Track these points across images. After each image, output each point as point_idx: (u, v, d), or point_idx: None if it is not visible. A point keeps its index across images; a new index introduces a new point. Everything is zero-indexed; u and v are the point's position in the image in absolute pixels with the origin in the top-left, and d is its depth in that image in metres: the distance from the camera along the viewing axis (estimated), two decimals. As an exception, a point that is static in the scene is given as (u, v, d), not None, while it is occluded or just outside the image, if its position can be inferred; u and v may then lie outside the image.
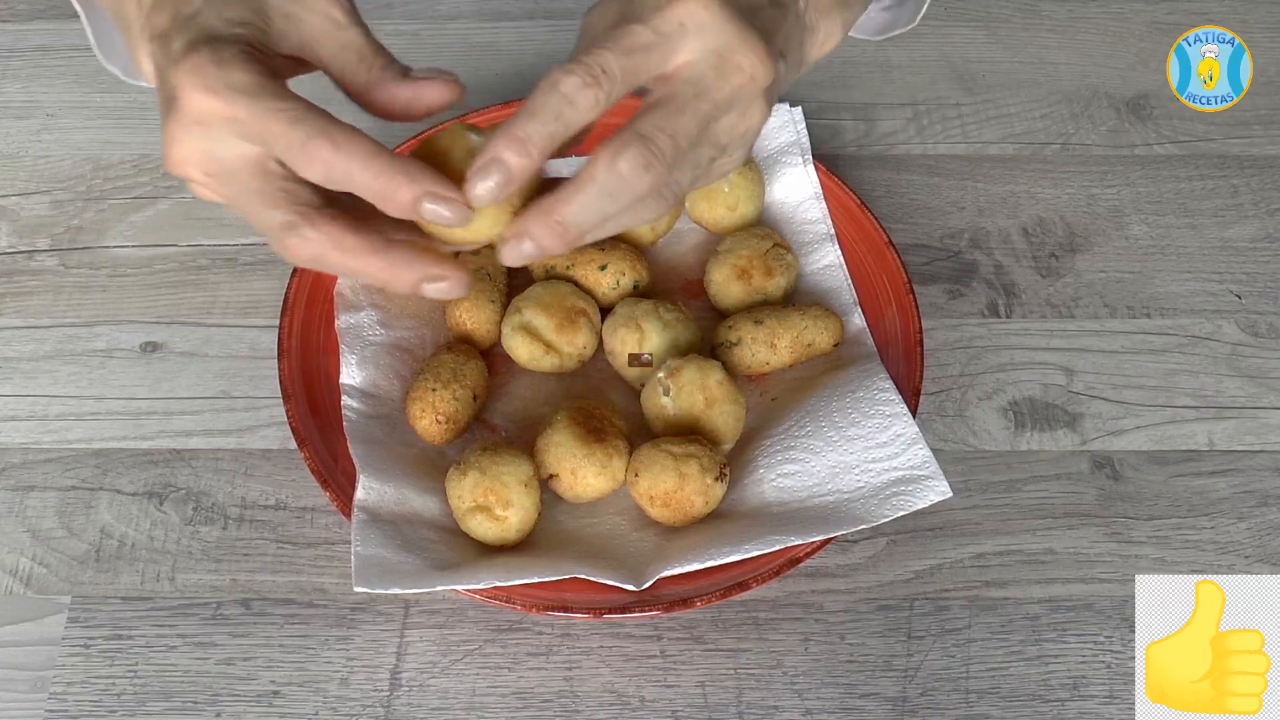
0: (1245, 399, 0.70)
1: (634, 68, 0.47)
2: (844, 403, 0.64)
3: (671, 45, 0.47)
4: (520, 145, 0.45)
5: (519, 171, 0.45)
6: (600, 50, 0.46)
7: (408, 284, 0.47)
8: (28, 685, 0.61)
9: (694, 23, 0.47)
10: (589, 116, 0.46)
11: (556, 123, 0.45)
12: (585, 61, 0.46)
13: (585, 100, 0.46)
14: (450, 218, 0.46)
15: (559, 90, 0.45)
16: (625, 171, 0.46)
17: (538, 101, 0.46)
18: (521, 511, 0.60)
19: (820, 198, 0.73)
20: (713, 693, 0.60)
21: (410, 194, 0.45)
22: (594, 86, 0.46)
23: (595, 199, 0.47)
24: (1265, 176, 0.80)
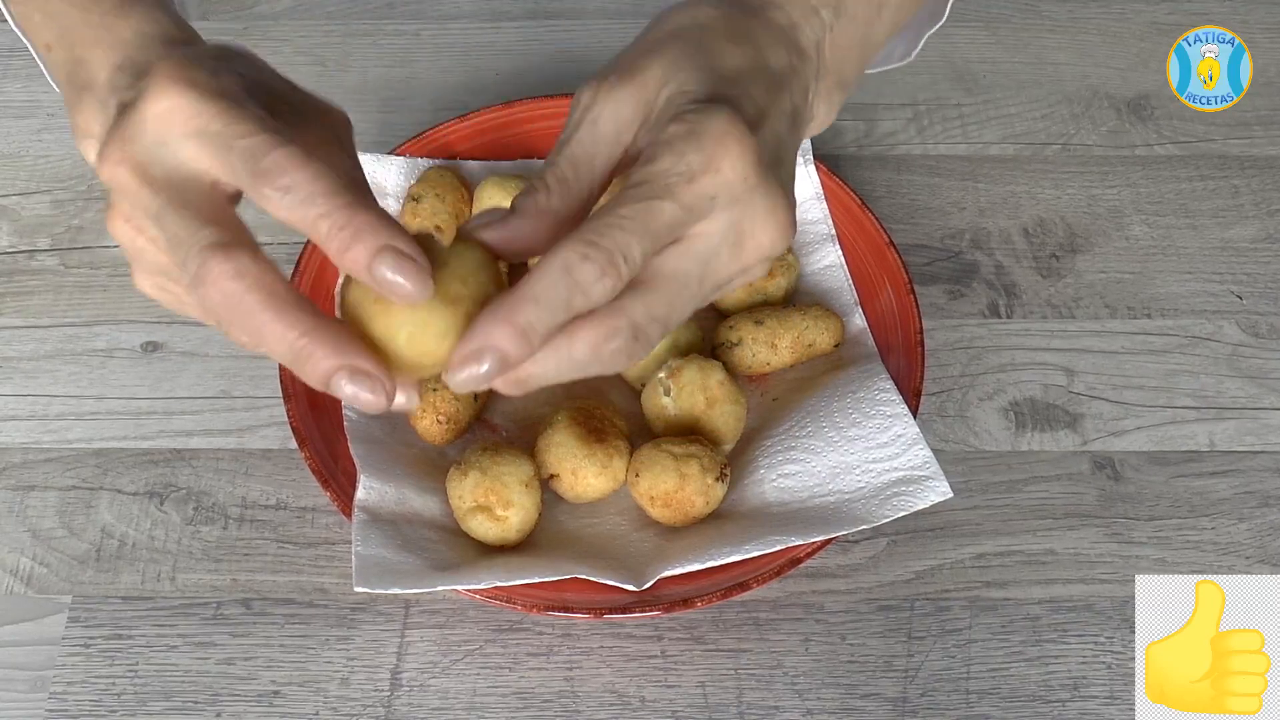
0: (1246, 399, 0.70)
1: (655, 249, 0.42)
2: (845, 403, 0.64)
3: (695, 219, 0.42)
4: (521, 337, 0.39)
5: (517, 360, 0.40)
6: (621, 233, 0.40)
7: (320, 373, 0.39)
8: (28, 685, 0.61)
9: (727, 196, 0.42)
10: (599, 304, 0.41)
11: (565, 313, 0.40)
12: (605, 247, 0.40)
13: (600, 291, 0.40)
14: (370, 401, 0.40)
15: (572, 277, 0.40)
16: (608, 358, 0.41)
17: (546, 287, 0.40)
18: (522, 511, 0.60)
19: (821, 198, 0.73)
20: (713, 693, 0.60)
21: (325, 366, 0.39)
22: (611, 276, 0.40)
23: (564, 364, 0.41)
24: (1266, 177, 0.80)
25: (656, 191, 0.41)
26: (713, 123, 0.42)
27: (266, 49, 0.86)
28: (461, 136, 0.75)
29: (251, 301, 0.39)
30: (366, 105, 0.83)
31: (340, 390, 0.40)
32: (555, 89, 0.80)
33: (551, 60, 0.86)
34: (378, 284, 0.39)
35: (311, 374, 0.39)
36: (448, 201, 0.71)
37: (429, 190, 0.71)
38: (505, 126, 0.76)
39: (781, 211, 0.43)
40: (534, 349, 0.40)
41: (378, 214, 0.39)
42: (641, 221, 0.41)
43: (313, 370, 0.39)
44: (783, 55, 0.47)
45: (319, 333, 0.39)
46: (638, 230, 0.41)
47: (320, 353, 0.39)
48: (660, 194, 0.41)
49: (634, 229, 0.41)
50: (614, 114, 0.43)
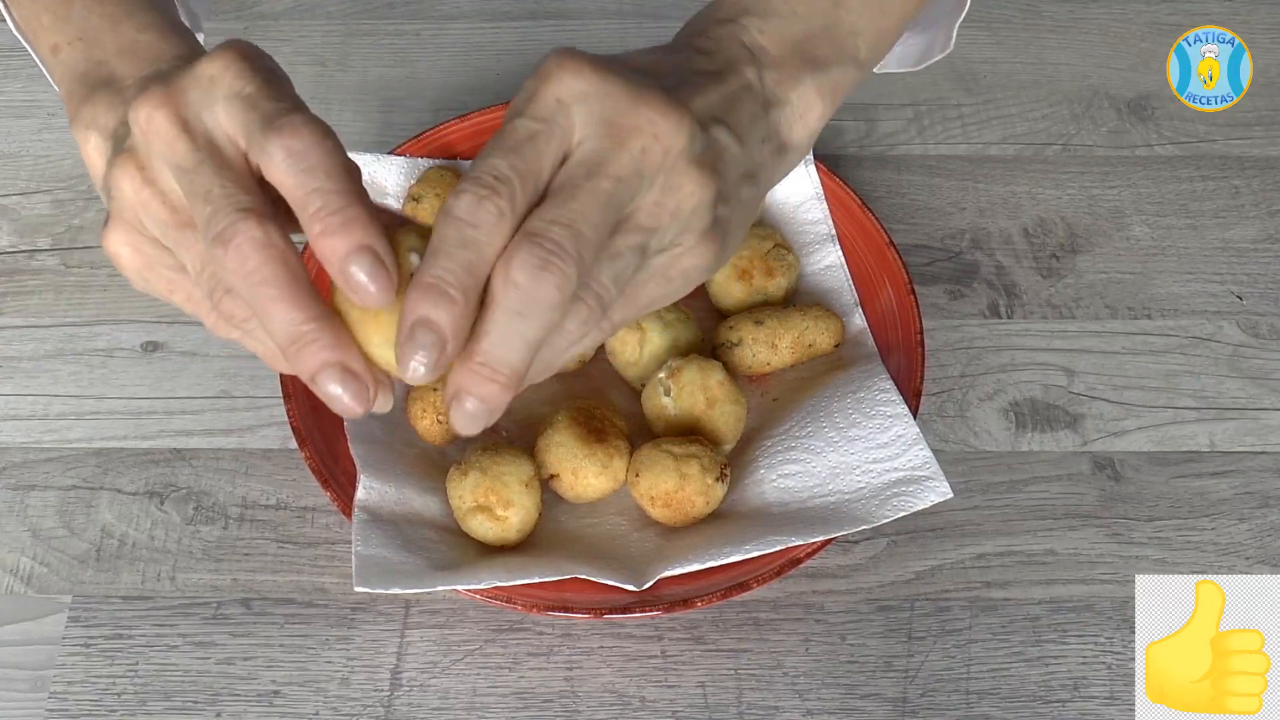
0: (1246, 400, 0.70)
1: (527, 164, 0.40)
2: (845, 403, 0.64)
3: (559, 127, 0.41)
4: (436, 293, 0.38)
5: (451, 325, 0.39)
6: (484, 158, 0.40)
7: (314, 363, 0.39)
8: (28, 684, 0.61)
9: (571, 94, 0.41)
10: (501, 233, 0.39)
11: (466, 250, 0.39)
12: (472, 175, 0.40)
13: (486, 215, 0.39)
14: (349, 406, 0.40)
15: (453, 215, 0.39)
16: (521, 280, 0.39)
17: (437, 236, 0.39)
18: (522, 511, 0.60)
19: (821, 198, 0.73)
20: (713, 693, 0.60)
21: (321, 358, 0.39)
22: (490, 197, 0.39)
23: (506, 323, 0.39)
24: (1266, 178, 0.80)
25: (507, 118, 0.42)
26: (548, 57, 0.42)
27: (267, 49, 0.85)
28: (462, 136, 0.75)
29: (270, 273, 0.39)
30: (366, 105, 0.83)
31: (325, 387, 0.39)
32: (556, 89, 0.80)
33: (552, 60, 0.86)
34: (345, 278, 0.39)
35: (306, 362, 0.39)
36: None
37: (429, 190, 0.71)
38: (505, 126, 0.76)
39: (654, 96, 0.41)
40: (460, 307, 0.39)
41: (372, 214, 0.39)
42: (501, 144, 0.40)
43: (308, 358, 0.39)
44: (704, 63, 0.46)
45: (325, 323, 0.39)
46: (499, 151, 0.40)
47: (321, 342, 0.39)
48: (510, 117, 0.41)
49: (494, 151, 0.40)
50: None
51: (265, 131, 0.39)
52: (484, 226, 0.39)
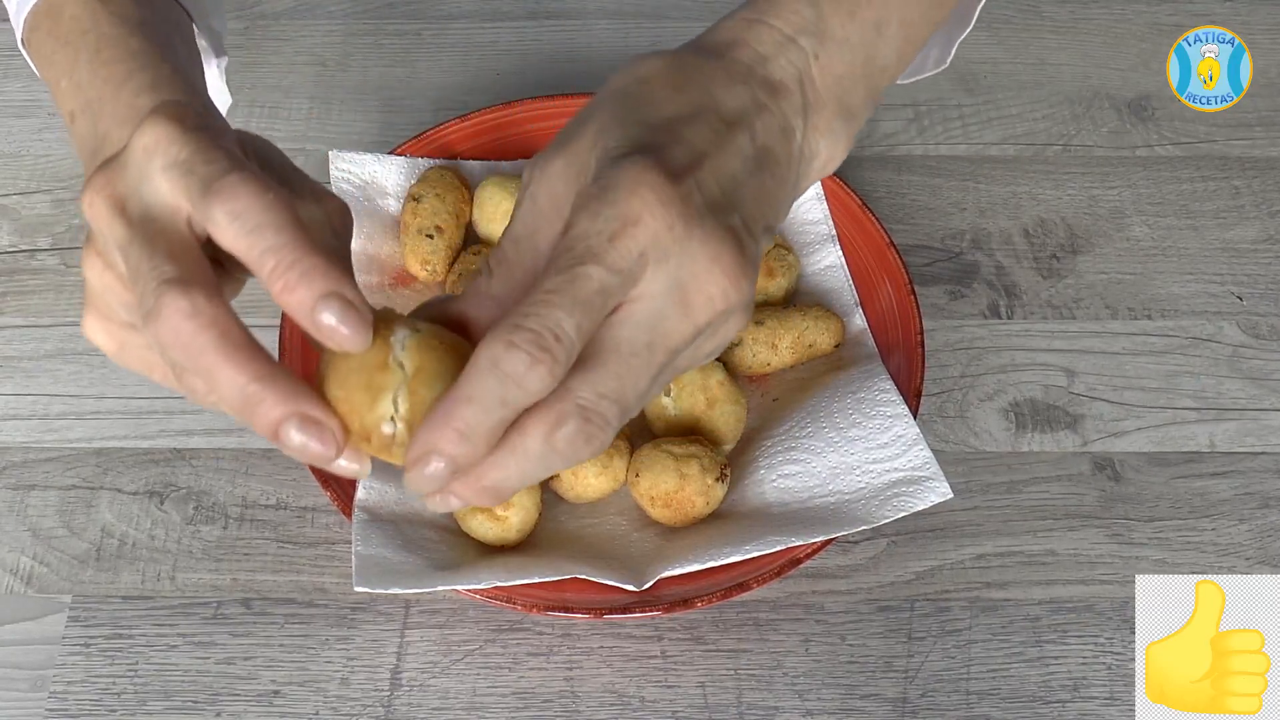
0: (1246, 400, 0.70)
1: (591, 322, 0.38)
2: (845, 403, 0.64)
3: (631, 281, 0.39)
4: (463, 440, 0.38)
5: (466, 462, 0.38)
6: (548, 309, 0.37)
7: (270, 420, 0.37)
8: (28, 684, 0.61)
9: (657, 251, 0.39)
10: (540, 395, 0.38)
11: (503, 409, 0.38)
12: (530, 329, 0.37)
13: (535, 381, 0.37)
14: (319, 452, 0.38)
15: (502, 370, 0.37)
16: (564, 448, 0.39)
17: (477, 385, 0.37)
18: (522, 511, 0.60)
19: (821, 198, 0.73)
20: (713, 693, 0.60)
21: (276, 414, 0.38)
22: (546, 361, 0.37)
23: (529, 467, 0.39)
24: (1267, 178, 0.80)
25: (578, 258, 0.38)
26: (625, 174, 0.39)
27: (267, 48, 0.86)
28: (462, 136, 0.75)
29: (203, 341, 0.37)
30: (366, 105, 0.83)
31: (289, 440, 0.38)
32: (555, 89, 0.80)
33: (551, 60, 0.86)
34: (317, 328, 0.37)
35: (262, 421, 0.38)
36: (448, 201, 0.71)
37: (429, 190, 0.71)
38: (505, 126, 0.76)
39: (727, 258, 0.40)
40: (481, 451, 0.38)
41: (328, 260, 0.38)
42: (567, 294, 0.38)
43: (263, 417, 0.37)
44: (742, 94, 0.44)
45: (271, 380, 0.37)
46: (565, 304, 0.38)
47: (271, 399, 0.37)
48: (582, 259, 0.38)
49: (560, 303, 0.38)
50: (549, 188, 0.41)
51: (204, 197, 0.38)
52: (531, 389, 0.37)
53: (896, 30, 0.48)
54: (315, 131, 0.81)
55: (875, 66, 0.48)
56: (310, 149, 0.80)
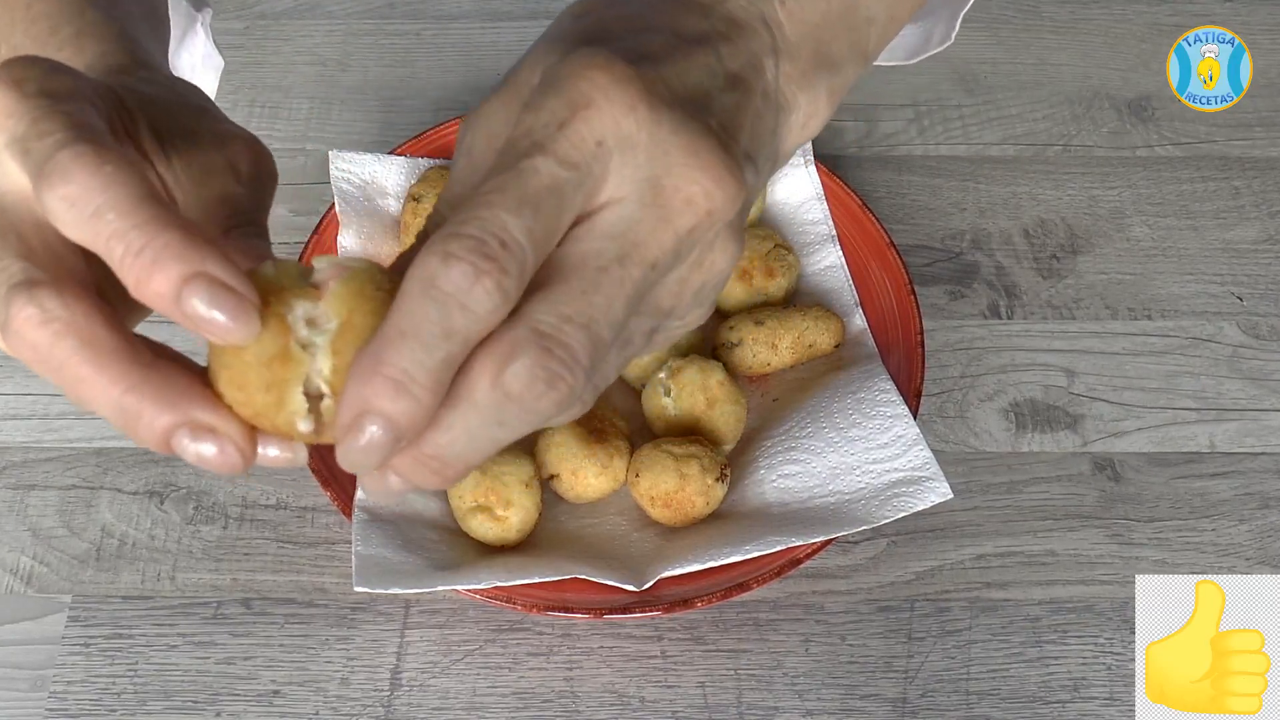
0: (1246, 401, 0.70)
1: (546, 226, 0.31)
2: (845, 404, 0.64)
3: (591, 179, 0.32)
4: (398, 389, 0.30)
5: (408, 423, 0.30)
6: (489, 209, 0.31)
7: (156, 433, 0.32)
8: (28, 684, 0.61)
9: (616, 138, 0.32)
10: (497, 319, 0.31)
11: (447, 343, 0.30)
12: (471, 234, 0.30)
13: (482, 298, 0.30)
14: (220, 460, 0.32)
15: (439, 289, 0.30)
16: (518, 391, 0.31)
17: (410, 315, 0.30)
18: (522, 511, 0.60)
19: (822, 198, 0.73)
20: (713, 693, 0.60)
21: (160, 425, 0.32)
22: (492, 272, 0.30)
23: (479, 426, 0.31)
24: (1267, 178, 0.80)
25: (522, 152, 0.32)
26: (573, 62, 0.33)
27: (268, 48, 0.86)
28: (462, 136, 0.75)
29: (61, 352, 0.31)
30: (367, 105, 0.83)
31: (185, 452, 0.32)
32: (556, 89, 0.80)
33: (552, 60, 0.86)
34: (190, 321, 0.31)
35: (148, 437, 0.32)
36: None
37: (430, 190, 0.71)
38: (506, 126, 0.76)
39: (706, 152, 0.33)
40: (425, 403, 0.30)
41: (187, 234, 0.30)
42: (511, 191, 0.31)
43: (147, 432, 0.32)
44: (701, 23, 0.37)
45: (148, 386, 0.31)
46: (509, 203, 0.31)
47: (151, 409, 0.31)
48: (527, 152, 0.31)
49: (503, 202, 0.31)
50: (486, 131, 0.35)
51: (37, 186, 0.31)
52: (478, 311, 0.30)
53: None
54: (315, 131, 0.81)
55: (859, 17, 0.42)
56: (310, 149, 0.80)
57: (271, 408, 0.32)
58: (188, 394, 0.32)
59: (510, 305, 0.31)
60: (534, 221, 0.31)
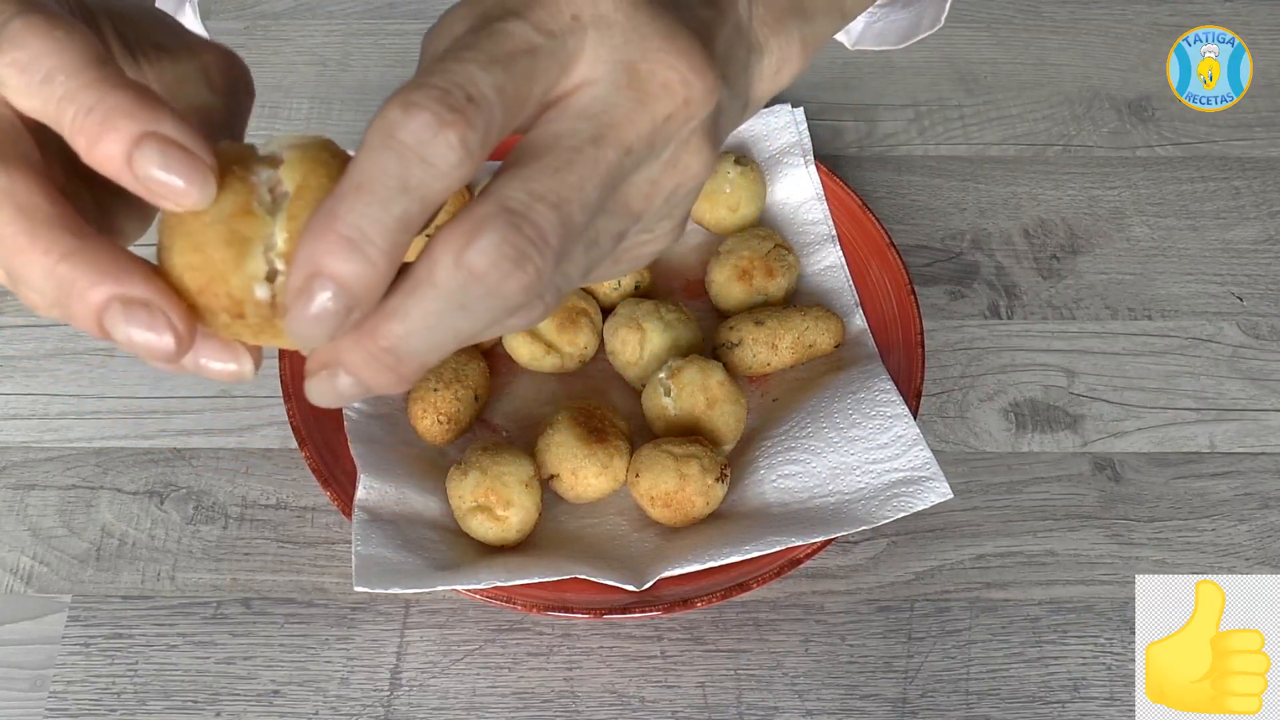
0: (1246, 401, 0.70)
1: (517, 88, 0.30)
2: (845, 404, 0.64)
3: (565, 51, 0.31)
4: (351, 248, 0.28)
5: (364, 290, 0.28)
6: (459, 62, 0.29)
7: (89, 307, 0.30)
8: (28, 684, 0.61)
9: (593, 14, 0.31)
10: (459, 179, 0.29)
11: (406, 197, 0.28)
12: (437, 84, 0.28)
13: (445, 151, 0.28)
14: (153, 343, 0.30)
15: (399, 140, 0.28)
16: (483, 269, 0.29)
17: (368, 166, 0.28)
18: (522, 511, 0.60)
19: (822, 198, 0.73)
20: (713, 693, 0.60)
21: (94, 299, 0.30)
22: (457, 124, 0.28)
23: (438, 313, 0.29)
24: (1267, 178, 0.80)
25: (496, 15, 0.30)
26: None
27: (268, 48, 0.86)
28: (462, 136, 0.75)
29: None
30: (367, 105, 0.83)
31: (116, 330, 0.30)
32: (556, 89, 0.80)
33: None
34: (144, 187, 0.29)
35: (80, 312, 0.30)
36: (449, 200, 0.71)
37: (430, 190, 0.71)
38: (506, 126, 0.76)
39: (683, 39, 0.32)
40: (381, 269, 0.28)
41: (139, 94, 0.29)
42: (483, 48, 0.29)
43: (80, 305, 0.30)
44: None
45: (83, 255, 0.29)
46: (479, 59, 0.29)
47: (85, 280, 0.29)
48: (501, 15, 0.30)
49: (474, 57, 0.29)
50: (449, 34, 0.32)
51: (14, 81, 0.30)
52: (439, 165, 0.28)
53: None
54: (315, 131, 0.81)
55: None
56: (310, 149, 0.80)
57: (228, 265, 0.30)
58: (127, 268, 0.30)
59: (474, 165, 0.29)
60: (505, 79, 0.29)
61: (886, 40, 0.70)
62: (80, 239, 0.30)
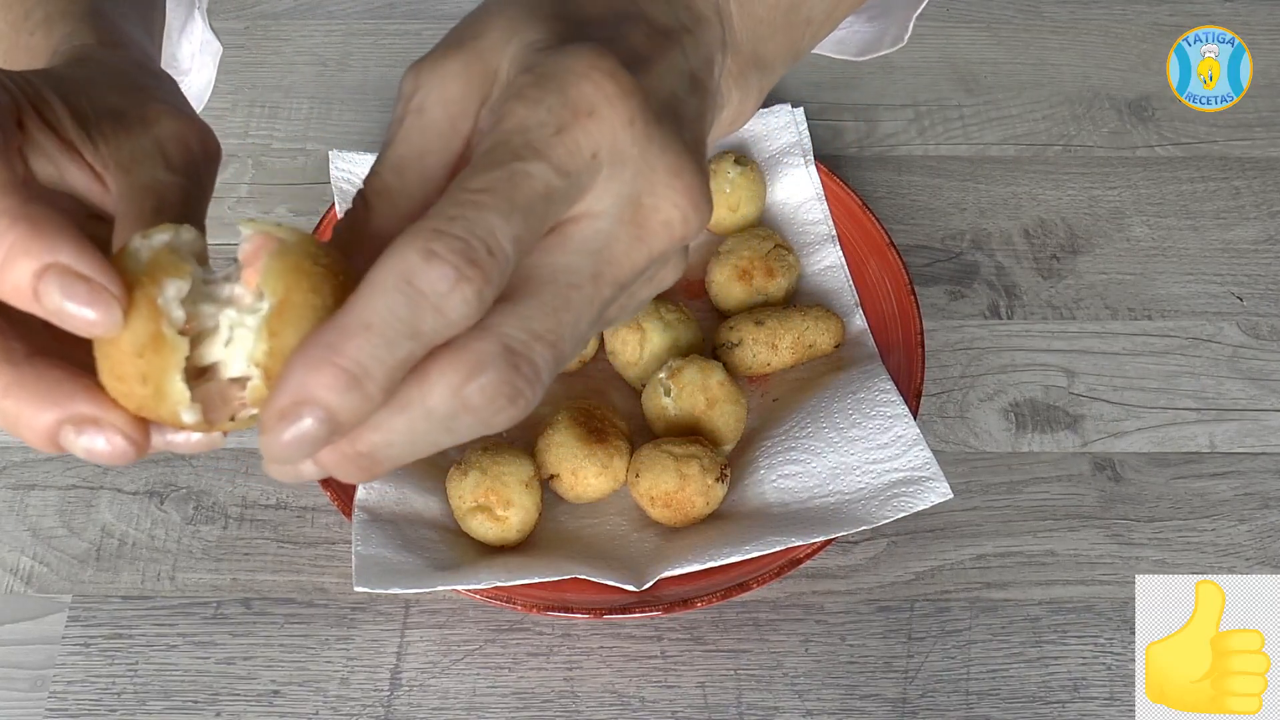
0: (1246, 401, 0.70)
1: (531, 236, 0.30)
2: (845, 404, 0.64)
3: (578, 189, 0.31)
4: (351, 384, 0.28)
5: (352, 419, 0.29)
6: (479, 213, 0.29)
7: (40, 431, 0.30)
8: (28, 684, 0.61)
9: (612, 153, 0.31)
10: (464, 327, 0.29)
11: (412, 343, 0.28)
12: (459, 235, 0.28)
13: (459, 305, 0.28)
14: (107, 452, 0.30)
15: (416, 287, 0.28)
16: (480, 403, 0.30)
17: (381, 306, 0.28)
18: (522, 511, 0.60)
19: (822, 198, 0.73)
20: (713, 693, 0.60)
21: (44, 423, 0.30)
22: (475, 280, 0.28)
23: (424, 431, 0.30)
24: (1267, 178, 0.80)
25: (516, 152, 0.30)
26: (574, 59, 0.31)
27: (268, 48, 0.86)
28: (462, 136, 0.75)
29: None
30: (367, 105, 0.83)
31: (73, 447, 0.30)
32: (556, 89, 0.80)
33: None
34: (53, 317, 0.29)
35: (33, 438, 0.30)
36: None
37: (430, 190, 0.71)
38: (506, 126, 0.76)
39: (688, 174, 0.33)
40: (376, 402, 0.29)
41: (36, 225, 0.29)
42: (504, 195, 0.29)
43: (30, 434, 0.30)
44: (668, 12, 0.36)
45: (23, 387, 0.30)
46: (501, 207, 0.29)
47: (30, 410, 0.30)
48: (521, 153, 0.30)
49: (496, 205, 0.29)
50: (443, 95, 0.33)
51: None
52: (451, 316, 0.29)
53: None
54: (315, 131, 0.81)
55: (799, 16, 0.42)
56: (310, 149, 0.80)
57: (150, 400, 0.30)
58: (67, 388, 0.30)
59: (481, 313, 0.29)
60: (523, 230, 0.29)
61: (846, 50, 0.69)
62: (17, 369, 0.30)
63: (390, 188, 0.32)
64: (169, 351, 0.30)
